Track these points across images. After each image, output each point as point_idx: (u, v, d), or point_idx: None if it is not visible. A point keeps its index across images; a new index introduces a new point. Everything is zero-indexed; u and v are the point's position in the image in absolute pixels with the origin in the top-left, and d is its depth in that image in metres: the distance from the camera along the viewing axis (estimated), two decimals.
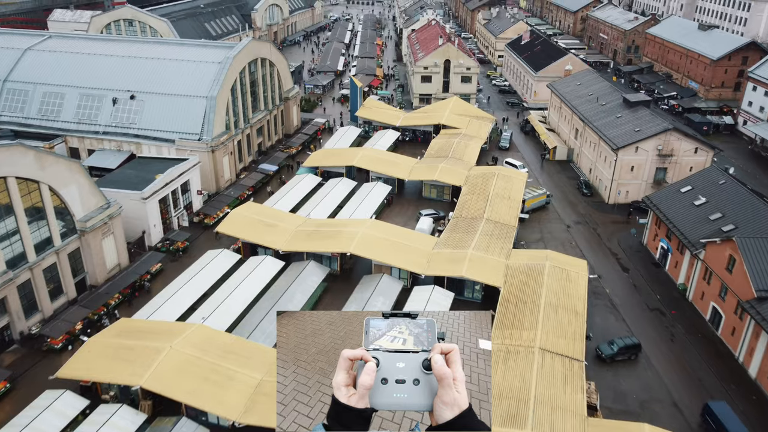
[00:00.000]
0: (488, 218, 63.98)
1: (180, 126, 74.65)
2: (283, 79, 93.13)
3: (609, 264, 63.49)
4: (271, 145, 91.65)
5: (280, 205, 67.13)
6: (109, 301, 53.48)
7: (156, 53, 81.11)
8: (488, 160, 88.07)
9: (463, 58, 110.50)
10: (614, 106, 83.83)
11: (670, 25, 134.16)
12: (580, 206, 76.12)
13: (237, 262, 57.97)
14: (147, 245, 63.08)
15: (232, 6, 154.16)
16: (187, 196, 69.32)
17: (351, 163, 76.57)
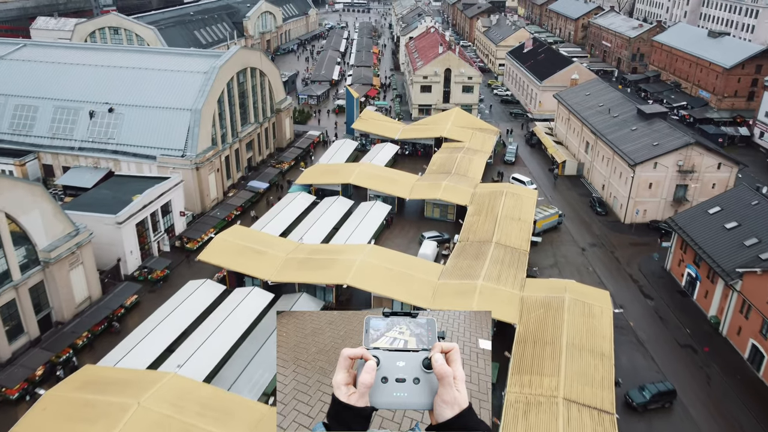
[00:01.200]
0: (498, 242, 58.44)
1: (162, 141, 68.95)
2: (274, 90, 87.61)
3: (631, 292, 57.90)
4: (262, 160, 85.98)
5: (270, 228, 61.42)
6: (77, 341, 47.57)
7: (137, 63, 75.48)
8: (493, 176, 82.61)
9: (464, 66, 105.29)
10: (628, 118, 78.56)
11: (677, 32, 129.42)
12: (594, 226, 70.62)
13: (221, 294, 52.18)
14: (123, 274, 57.21)
15: (223, 13, 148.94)
16: (169, 218, 63.53)
17: (347, 181, 70.95)
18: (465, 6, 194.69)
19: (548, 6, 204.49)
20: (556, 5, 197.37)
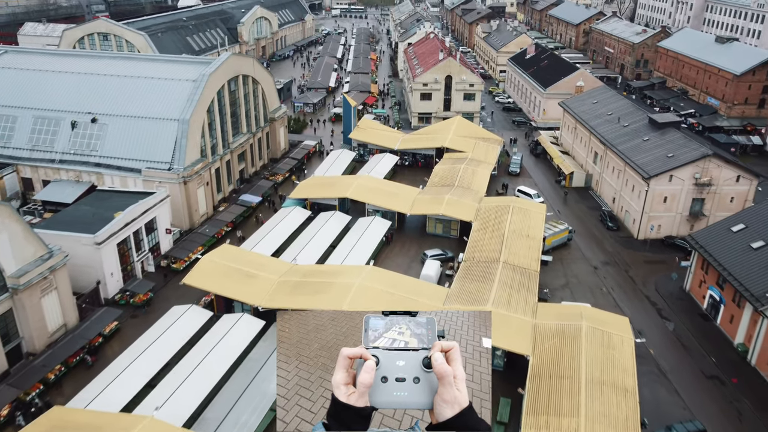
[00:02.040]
0: (506, 262, 54.48)
1: (148, 153, 64.99)
2: (268, 98, 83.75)
3: (648, 316, 53.98)
4: (255, 172, 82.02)
5: (262, 247, 57.40)
6: (48, 375, 43.46)
7: (123, 70, 71.57)
8: (498, 188, 78.75)
9: (465, 73, 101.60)
10: (639, 127, 74.84)
11: (683, 37, 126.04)
12: (606, 242, 66.73)
13: (208, 321, 48.17)
14: (102, 298, 53.12)
15: (217, 19, 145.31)
16: (154, 235, 59.48)
17: (344, 195, 67.02)
18: (464, 11, 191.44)
19: (548, 12, 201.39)
20: (557, 11, 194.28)
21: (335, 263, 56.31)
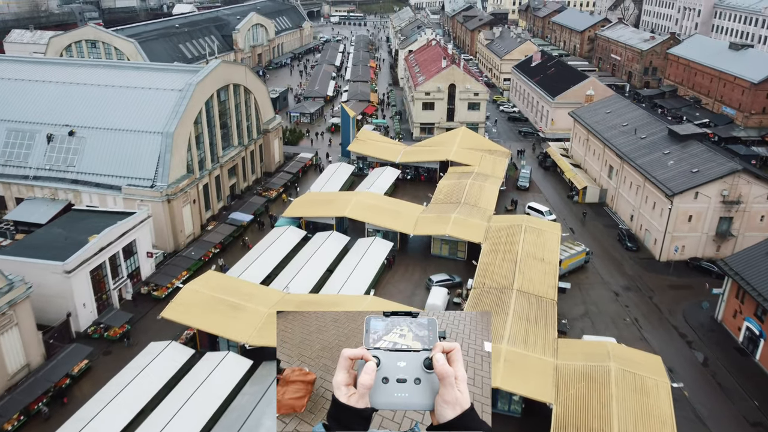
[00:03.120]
0: (520, 289, 49.41)
1: (129, 169, 59.96)
2: (261, 108, 78.80)
3: (679, 350, 48.78)
4: (248, 187, 76.93)
5: (251, 273, 52.23)
6: (5, 425, 38.18)
7: (104, 79, 66.59)
8: (507, 204, 73.69)
9: (470, 82, 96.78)
10: (658, 139, 69.92)
11: (695, 44, 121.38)
12: (626, 265, 61.59)
13: (190, 359, 42.99)
14: (73, 331, 47.87)
15: (211, 26, 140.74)
16: (134, 260, 54.33)
17: (342, 214, 61.91)
18: (465, 18, 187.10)
19: (551, 18, 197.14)
20: (560, 17, 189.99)
21: (332, 291, 51.19)
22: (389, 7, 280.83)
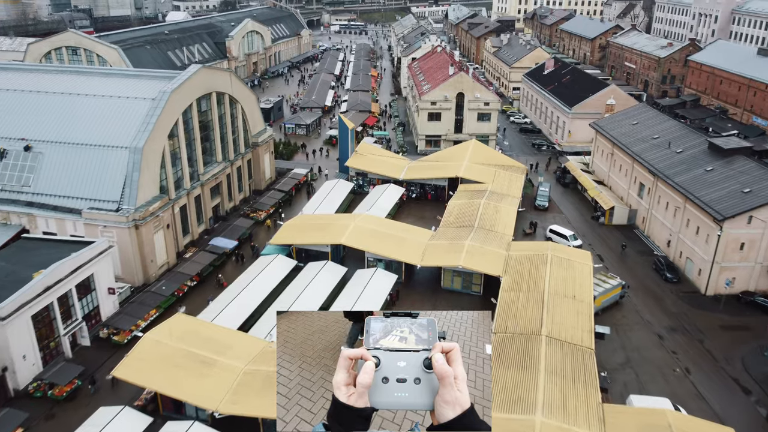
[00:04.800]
0: (550, 335, 41.11)
1: (91, 190, 51.90)
2: (249, 120, 70.80)
3: (742, 411, 40.27)
4: (234, 207, 68.78)
5: (228, 315, 43.90)
6: None
7: (69, 87, 58.71)
8: (525, 227, 65.38)
9: (480, 90, 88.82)
10: (696, 153, 61.76)
11: (719, 50, 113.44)
12: (667, 300, 53.18)
13: (146, 431, 34.65)
14: (11, 389, 39.54)
15: (203, 33, 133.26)
16: (91, 298, 46.08)
17: (339, 241, 53.70)
18: (471, 26, 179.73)
19: (559, 26, 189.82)
20: (569, 25, 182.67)
21: None
22: (391, 16, 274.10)
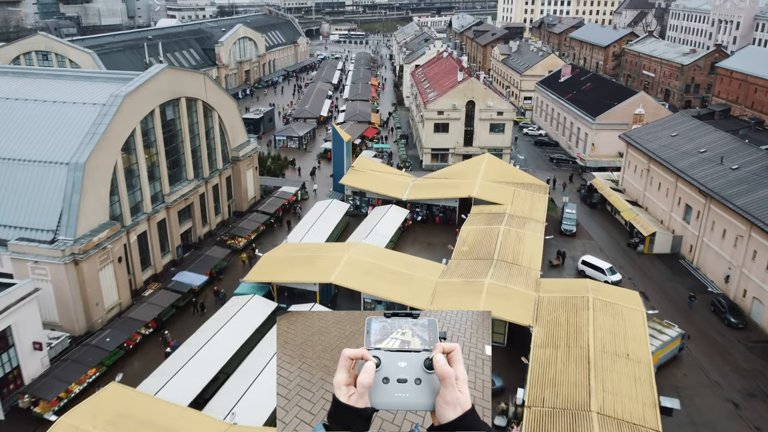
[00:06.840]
0: (601, 412, 30.97)
1: (22, 216, 41.92)
2: (229, 131, 61.02)
3: None
4: (210, 232, 58.82)
5: (181, 383, 33.69)
6: None
7: (5, 90, 48.94)
8: (551, 258, 55.23)
9: (492, 98, 79.13)
10: (757, 170, 51.83)
11: (750, 56, 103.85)
12: (735, 352, 42.93)
13: None
14: None
15: (191, 38, 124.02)
16: (9, 356, 35.95)
17: (328, 279, 43.59)
18: (477, 33, 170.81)
19: (568, 34, 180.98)
20: (580, 33, 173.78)
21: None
22: (392, 26, 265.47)
